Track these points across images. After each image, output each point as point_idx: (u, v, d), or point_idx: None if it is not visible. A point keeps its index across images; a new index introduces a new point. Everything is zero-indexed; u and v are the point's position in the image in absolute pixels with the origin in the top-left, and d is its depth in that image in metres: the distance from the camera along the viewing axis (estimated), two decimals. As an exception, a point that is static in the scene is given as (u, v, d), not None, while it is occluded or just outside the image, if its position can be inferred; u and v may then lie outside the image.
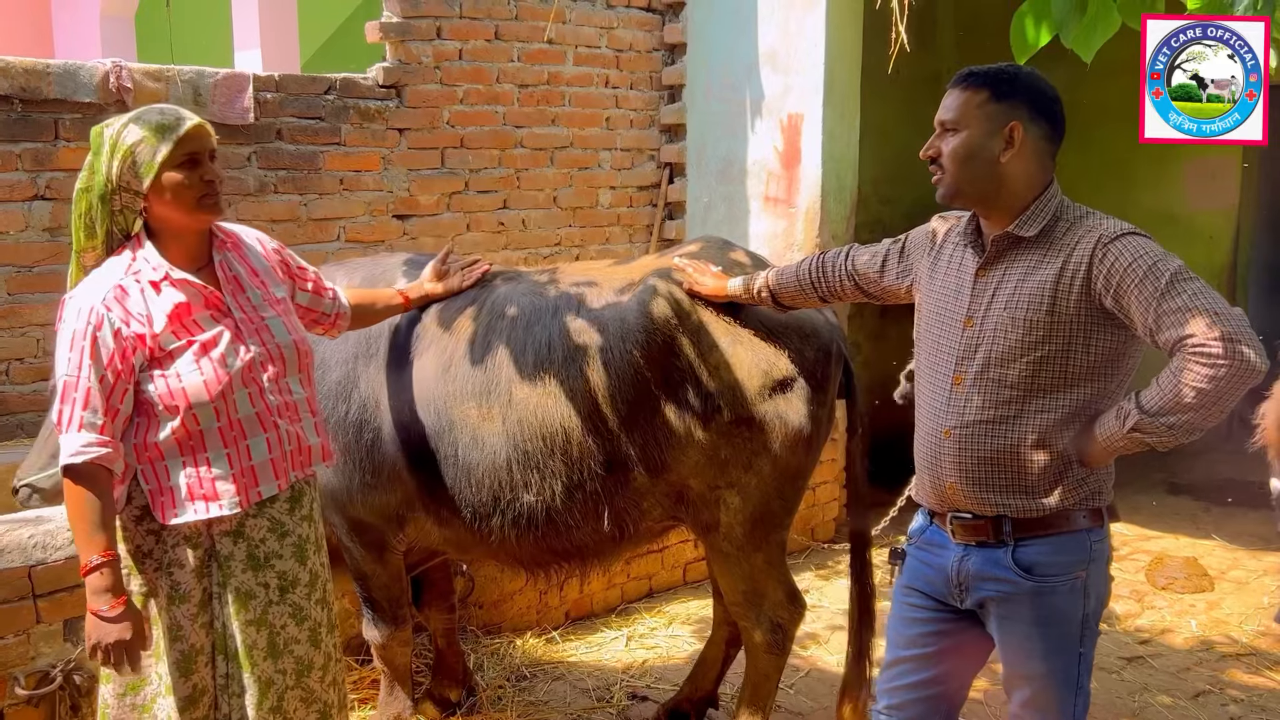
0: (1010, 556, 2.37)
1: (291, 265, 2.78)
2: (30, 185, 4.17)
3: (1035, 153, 2.33)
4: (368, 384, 3.25)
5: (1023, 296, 2.30)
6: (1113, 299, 2.22)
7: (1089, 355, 2.29)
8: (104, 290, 2.39)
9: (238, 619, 2.51)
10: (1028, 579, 2.35)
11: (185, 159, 2.40)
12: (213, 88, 4.49)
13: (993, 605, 2.42)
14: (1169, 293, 2.15)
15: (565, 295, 3.18)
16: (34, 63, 4.12)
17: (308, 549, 2.63)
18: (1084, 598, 2.37)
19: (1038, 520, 2.35)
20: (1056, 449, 2.32)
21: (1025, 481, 2.34)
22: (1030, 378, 2.30)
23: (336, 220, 4.93)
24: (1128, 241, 2.22)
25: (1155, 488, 6.57)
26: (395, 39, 5.03)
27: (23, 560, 3.04)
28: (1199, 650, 4.42)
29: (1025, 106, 2.31)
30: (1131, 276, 2.19)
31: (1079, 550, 2.36)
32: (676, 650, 4.36)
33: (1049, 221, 2.32)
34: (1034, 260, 2.32)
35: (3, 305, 4.16)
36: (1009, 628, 2.41)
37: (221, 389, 2.44)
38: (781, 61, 5.49)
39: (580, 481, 3.07)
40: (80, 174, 2.45)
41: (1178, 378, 2.15)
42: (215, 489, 2.46)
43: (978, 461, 2.37)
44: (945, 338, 2.44)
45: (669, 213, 6.15)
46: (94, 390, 2.35)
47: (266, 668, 2.53)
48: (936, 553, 2.49)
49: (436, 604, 3.80)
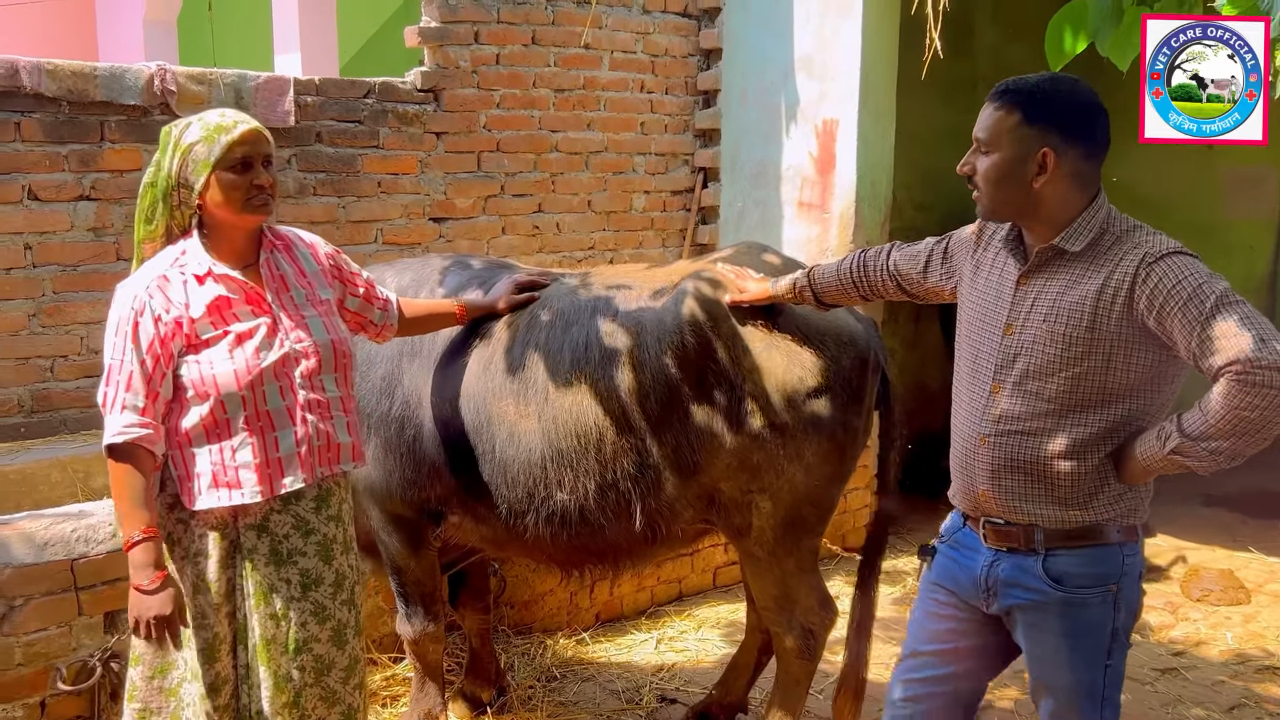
0: (1041, 566, 2.35)
1: (344, 270, 2.84)
2: (76, 186, 4.24)
3: (1073, 174, 2.27)
4: (410, 381, 3.29)
5: (1063, 310, 2.27)
6: (1155, 320, 2.18)
7: (1129, 373, 2.25)
8: (148, 279, 2.49)
9: (258, 612, 2.55)
10: (1058, 589, 2.33)
11: (237, 161, 2.49)
12: (254, 91, 4.56)
13: (1020, 614, 2.40)
14: (1213, 317, 2.11)
15: (603, 297, 3.21)
16: (81, 66, 4.20)
17: (333, 549, 2.65)
18: (1114, 611, 2.33)
19: (1070, 532, 2.33)
20: (1092, 463, 2.29)
21: (1059, 493, 2.32)
22: (1068, 392, 2.27)
23: (374, 222, 4.99)
24: (1173, 261, 2.17)
25: (1190, 499, 6.51)
26: (433, 44, 5.08)
27: (65, 554, 3.10)
28: (1234, 663, 4.38)
29: (1059, 129, 2.24)
30: (1175, 299, 2.15)
31: (1111, 564, 2.33)
32: (706, 654, 4.37)
33: (1095, 235, 2.28)
34: (1077, 274, 2.28)
35: (48, 303, 4.24)
36: (1037, 637, 2.39)
37: (251, 380, 2.49)
38: (817, 67, 5.50)
39: (613, 481, 3.10)
40: (148, 169, 2.57)
41: (1222, 403, 2.11)
42: (238, 477, 2.51)
43: (1011, 470, 2.35)
44: (985, 343, 2.41)
45: (702, 217, 6.17)
46: (135, 374, 2.44)
47: (284, 663, 2.57)
48: (967, 554, 2.48)
49: (472, 603, 3.83)
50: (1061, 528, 2.33)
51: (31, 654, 3.03)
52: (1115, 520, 2.32)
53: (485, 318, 3.27)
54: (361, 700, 2.73)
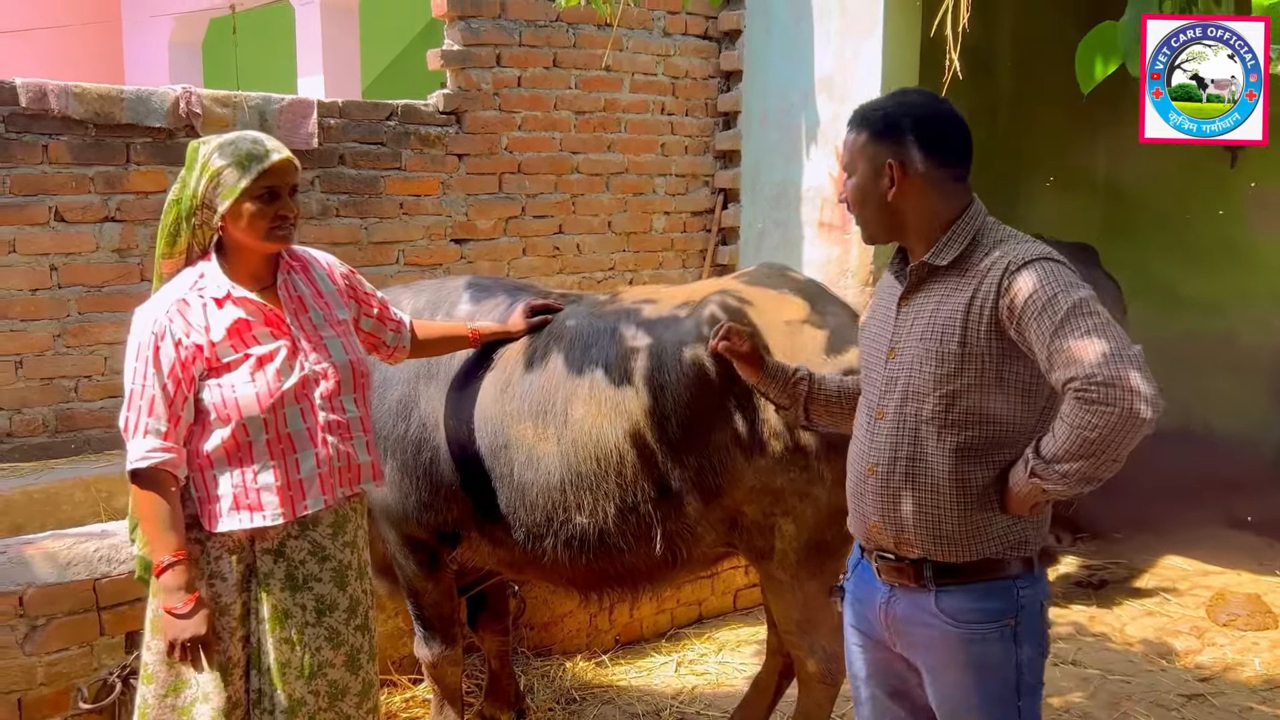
0: (934, 602, 2.22)
1: (359, 291, 2.84)
2: (102, 207, 4.29)
3: (929, 182, 2.21)
4: (428, 403, 3.29)
5: (936, 327, 2.17)
6: (1016, 331, 2.08)
7: (1004, 390, 2.14)
8: (168, 303, 2.49)
9: (272, 636, 2.55)
10: (954, 626, 2.20)
11: (264, 190, 2.48)
12: (278, 113, 4.60)
13: (921, 656, 2.28)
14: (1062, 328, 2.01)
15: (623, 317, 3.20)
16: (108, 89, 4.25)
17: (348, 575, 2.65)
18: (1016, 646, 2.20)
19: (960, 566, 2.20)
20: (975, 492, 2.17)
21: (945, 525, 2.19)
22: (944, 412, 2.16)
23: (396, 244, 5.01)
24: (1033, 269, 2.07)
25: (1215, 522, 6.43)
26: (456, 66, 5.11)
27: (88, 573, 3.11)
28: (1263, 689, 4.32)
29: (904, 141, 2.20)
30: (1031, 308, 2.05)
31: (1006, 598, 2.19)
32: (726, 677, 4.34)
33: (965, 248, 2.19)
34: (949, 288, 2.19)
35: (73, 324, 4.28)
36: (940, 678, 2.27)
37: (273, 403, 2.49)
38: (838, 88, 5.51)
39: (633, 504, 3.08)
40: (174, 185, 2.56)
41: (1065, 422, 2.01)
42: (260, 499, 2.50)
43: (898, 501, 2.23)
44: (872, 369, 2.34)
45: (722, 238, 6.17)
46: (157, 398, 2.44)
47: (298, 687, 2.56)
48: (868, 590, 2.37)
49: (491, 625, 3.82)
50: (951, 561, 2.20)
51: (53, 674, 3.03)
52: (1006, 553, 2.19)
53: (501, 340, 3.27)
54: None
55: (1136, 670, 4.47)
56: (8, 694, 2.97)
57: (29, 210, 4.15)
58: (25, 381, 4.22)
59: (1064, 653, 4.61)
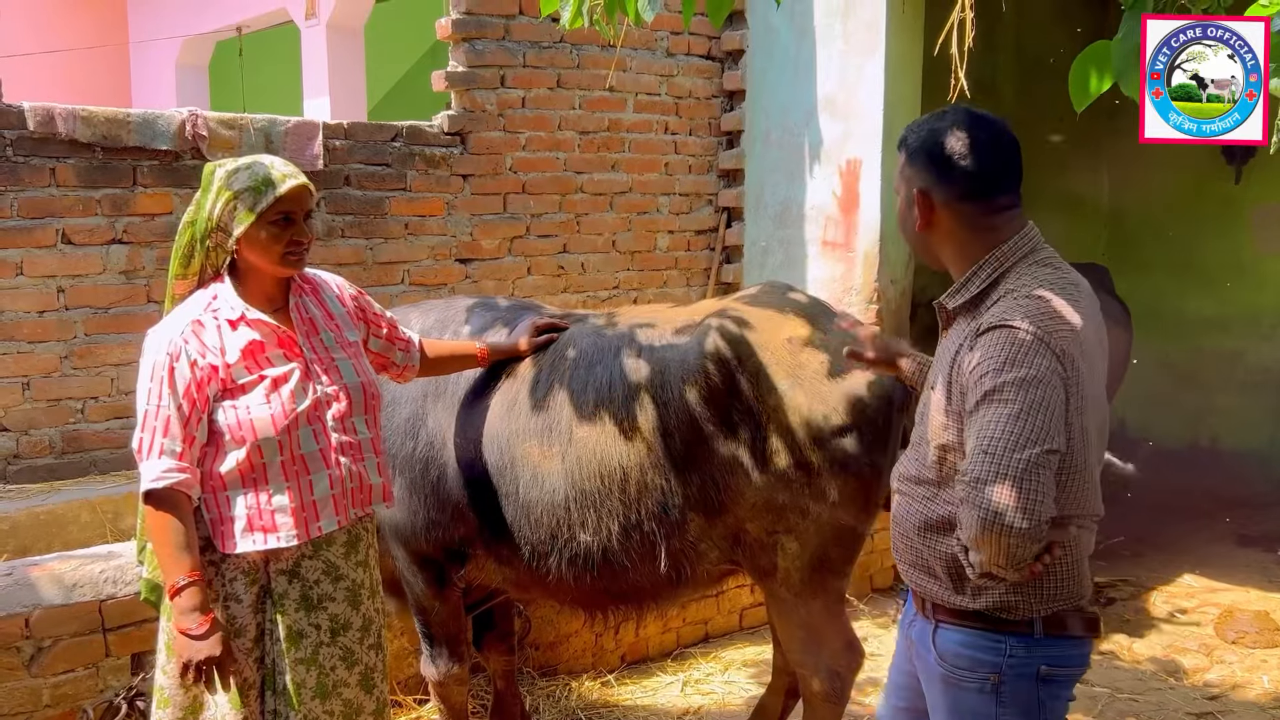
0: (932, 636, 2.20)
1: (368, 312, 2.86)
2: (109, 230, 4.31)
3: (955, 216, 2.11)
4: (435, 422, 3.30)
5: (942, 374, 2.10)
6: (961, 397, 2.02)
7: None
8: (182, 325, 2.50)
9: (288, 656, 2.55)
10: (941, 666, 2.17)
11: (279, 216, 2.49)
12: (284, 135, 4.63)
13: (923, 684, 2.27)
14: (977, 409, 1.94)
15: (627, 336, 3.22)
16: (115, 112, 4.28)
17: (361, 594, 2.66)
18: (997, 704, 2.11)
19: (952, 610, 2.16)
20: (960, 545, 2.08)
21: (935, 571, 2.16)
22: (938, 463, 2.11)
23: (401, 264, 5.03)
24: (988, 336, 1.98)
25: (1224, 539, 6.41)
26: (460, 88, 5.14)
27: (94, 595, 3.12)
28: (1272, 707, 4.29)
29: (934, 168, 2.09)
30: (972, 378, 1.97)
31: (991, 653, 2.11)
32: (732, 697, 4.33)
33: (980, 292, 2.09)
34: (954, 335, 2.12)
35: (80, 345, 4.30)
36: (933, 710, 2.26)
37: (287, 424, 2.50)
38: (840, 108, 5.53)
39: (637, 522, 3.09)
40: (189, 207, 2.57)
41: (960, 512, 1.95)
42: (274, 521, 2.51)
43: (903, 539, 2.24)
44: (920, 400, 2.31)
45: (726, 256, 6.19)
46: (172, 419, 2.44)
47: (314, 707, 2.56)
48: (908, 608, 2.36)
49: (496, 644, 3.82)
50: (942, 604, 2.17)
51: (59, 695, 3.04)
52: (992, 610, 2.10)
53: (509, 359, 3.28)
54: None
55: (1145, 688, 4.45)
56: (14, 716, 2.97)
57: (36, 233, 4.18)
58: (32, 403, 4.24)
59: (1072, 671, 4.59)
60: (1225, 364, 7.63)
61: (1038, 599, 2.09)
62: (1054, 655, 2.11)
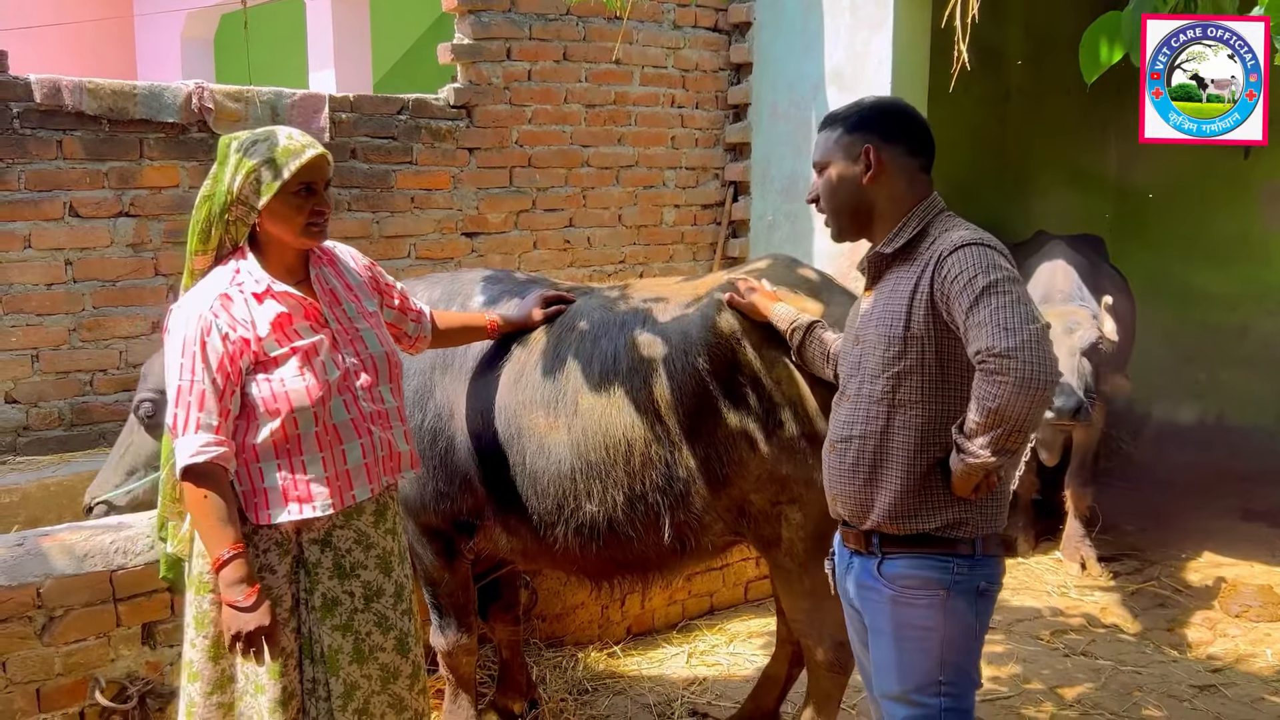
0: (877, 567, 2.42)
1: (380, 282, 2.87)
2: (116, 202, 4.32)
3: (899, 170, 2.41)
4: (443, 393, 3.32)
5: (887, 312, 2.36)
6: (947, 312, 2.26)
7: (946, 373, 2.31)
8: (210, 298, 2.48)
9: (324, 624, 2.57)
10: (889, 588, 2.40)
11: (301, 186, 2.48)
12: (290, 108, 4.62)
13: (869, 619, 2.47)
14: (976, 305, 2.18)
15: (633, 309, 3.23)
16: (121, 85, 4.28)
17: (392, 561, 2.69)
18: (944, 617, 2.36)
19: (901, 538, 2.39)
20: (920, 470, 2.34)
21: (890, 500, 2.37)
22: (891, 393, 2.35)
23: (407, 237, 5.04)
24: (961, 253, 2.24)
25: (1228, 514, 6.42)
26: (466, 60, 5.13)
27: (104, 565, 3.14)
28: (1275, 680, 4.31)
29: (878, 130, 2.41)
30: (955, 287, 2.22)
31: (940, 571, 2.36)
32: (737, 668, 4.36)
33: (914, 235, 2.38)
34: (898, 275, 2.38)
35: (88, 318, 4.31)
36: (876, 640, 2.46)
37: (321, 395, 2.51)
38: (848, 81, 5.50)
39: (642, 492, 3.10)
40: (205, 182, 2.55)
41: (974, 394, 2.18)
42: (310, 491, 2.52)
43: (850, 475, 2.43)
44: (844, 358, 2.54)
45: (732, 230, 6.18)
46: (208, 392, 2.43)
47: (352, 671, 2.59)
48: (842, 559, 2.58)
49: (502, 615, 3.85)
50: (894, 533, 2.38)
51: (71, 664, 3.07)
52: (946, 531, 2.35)
53: (516, 331, 3.29)
54: (425, 705, 2.78)
55: (1148, 661, 4.48)
56: (27, 684, 3.00)
57: (44, 206, 4.18)
58: (41, 375, 4.26)
59: (1075, 644, 4.62)
60: (1232, 340, 7.61)
61: (982, 519, 2.36)
62: (990, 573, 2.41)
